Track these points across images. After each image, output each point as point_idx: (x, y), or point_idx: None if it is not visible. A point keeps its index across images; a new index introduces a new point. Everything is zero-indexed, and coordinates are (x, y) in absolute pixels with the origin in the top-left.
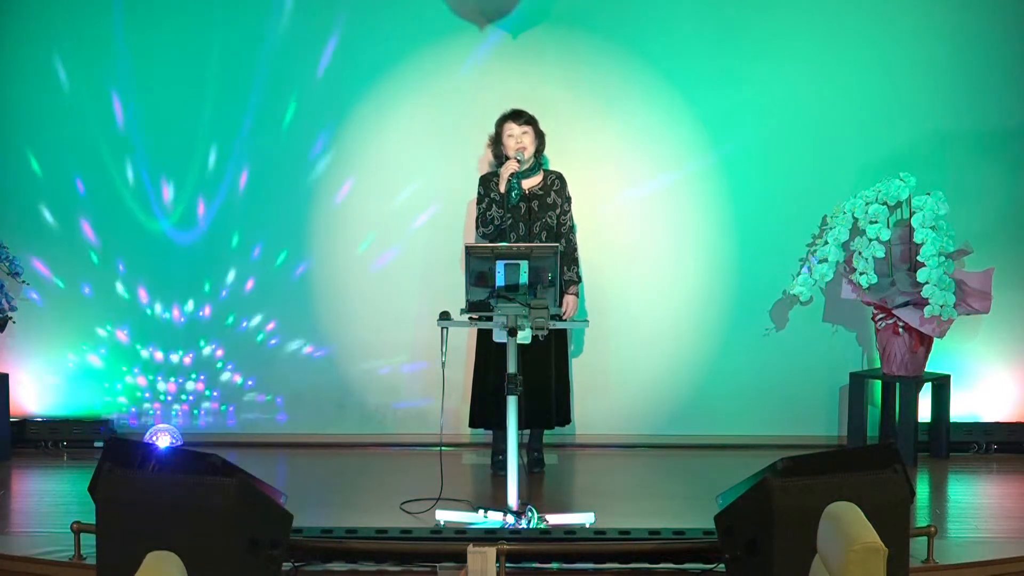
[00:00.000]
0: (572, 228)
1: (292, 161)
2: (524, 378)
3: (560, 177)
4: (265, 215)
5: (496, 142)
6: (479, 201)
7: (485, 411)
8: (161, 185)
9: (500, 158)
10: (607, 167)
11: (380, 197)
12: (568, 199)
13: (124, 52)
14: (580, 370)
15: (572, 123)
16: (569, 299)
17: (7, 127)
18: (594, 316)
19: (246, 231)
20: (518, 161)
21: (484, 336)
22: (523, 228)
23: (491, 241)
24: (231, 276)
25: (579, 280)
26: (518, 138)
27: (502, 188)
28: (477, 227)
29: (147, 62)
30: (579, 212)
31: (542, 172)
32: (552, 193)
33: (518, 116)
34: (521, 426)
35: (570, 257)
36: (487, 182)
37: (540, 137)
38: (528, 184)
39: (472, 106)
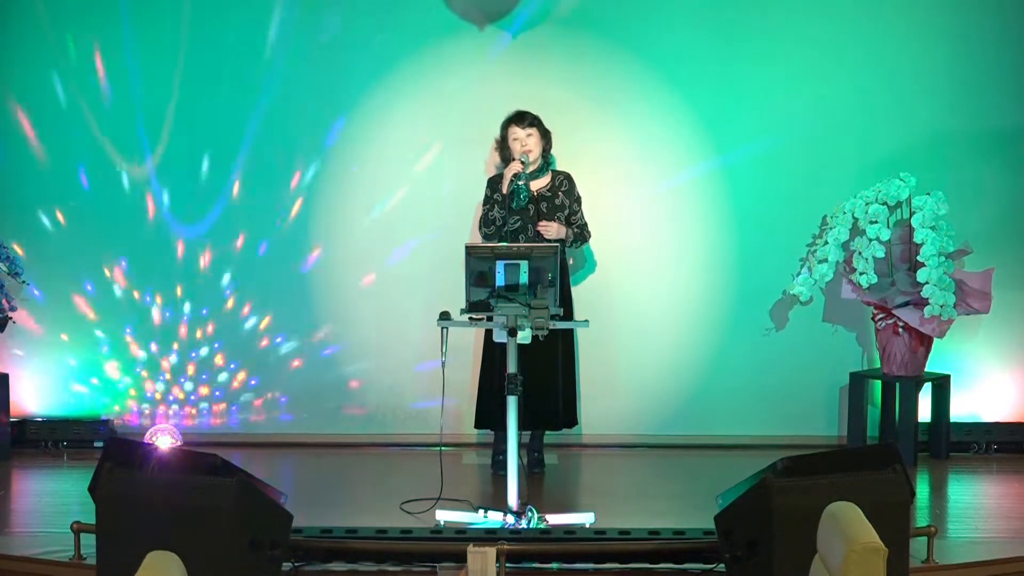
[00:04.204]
0: (584, 226)
1: (293, 161)
2: (531, 379)
3: (568, 177)
4: (267, 216)
5: (502, 145)
6: (485, 202)
7: (491, 412)
8: (163, 185)
9: (507, 161)
10: (607, 167)
11: (382, 197)
12: (578, 199)
13: (125, 51)
14: (581, 370)
15: (571, 123)
16: (559, 226)
17: (8, 126)
18: (594, 316)
19: (248, 232)
20: (523, 163)
21: (490, 337)
22: (531, 230)
23: (495, 242)
24: (233, 277)
25: (577, 241)
26: (523, 141)
27: (504, 189)
28: (480, 228)
29: (148, 62)
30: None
31: (550, 173)
32: (560, 194)
33: (521, 119)
34: (528, 427)
35: (581, 237)
36: (494, 184)
37: (546, 137)
38: (536, 186)
39: (472, 106)
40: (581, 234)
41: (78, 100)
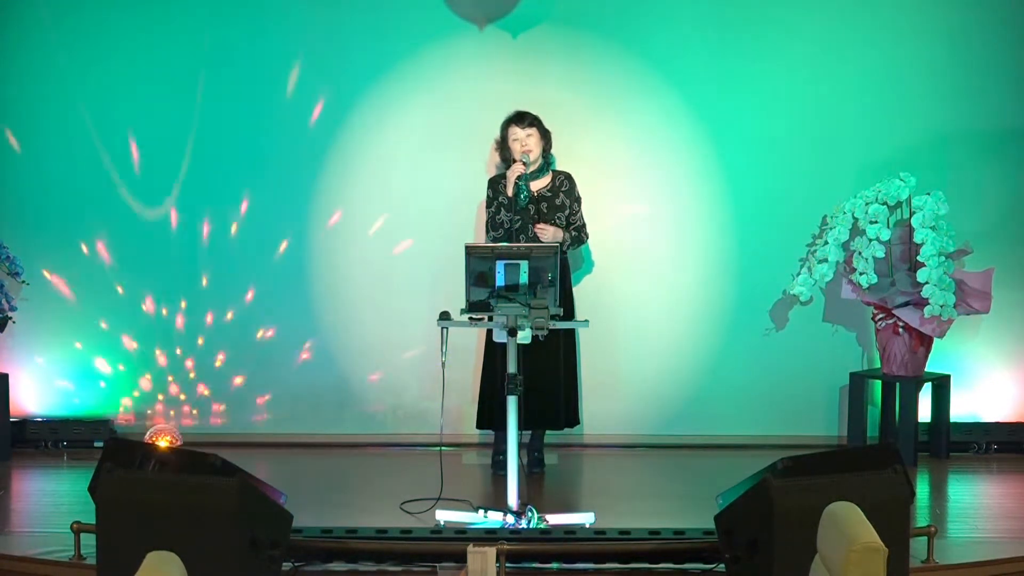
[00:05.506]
0: (582, 227)
1: (293, 161)
2: (533, 379)
3: (568, 177)
4: (267, 216)
5: (502, 145)
6: (488, 204)
7: (492, 412)
8: (163, 185)
9: (507, 161)
10: (607, 167)
11: (381, 197)
12: (578, 199)
13: (122, 51)
14: (582, 370)
15: (571, 123)
16: (555, 229)
17: (8, 126)
18: (595, 316)
19: (248, 232)
20: (524, 164)
21: (491, 337)
22: (532, 230)
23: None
24: (232, 276)
25: (574, 243)
26: (523, 141)
27: (509, 192)
28: (488, 231)
29: (146, 61)
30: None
31: (551, 173)
32: (560, 194)
33: (521, 119)
34: (530, 427)
35: (579, 239)
36: (495, 185)
37: (546, 137)
38: (536, 186)
39: (472, 106)
40: (579, 236)
41: (78, 108)
